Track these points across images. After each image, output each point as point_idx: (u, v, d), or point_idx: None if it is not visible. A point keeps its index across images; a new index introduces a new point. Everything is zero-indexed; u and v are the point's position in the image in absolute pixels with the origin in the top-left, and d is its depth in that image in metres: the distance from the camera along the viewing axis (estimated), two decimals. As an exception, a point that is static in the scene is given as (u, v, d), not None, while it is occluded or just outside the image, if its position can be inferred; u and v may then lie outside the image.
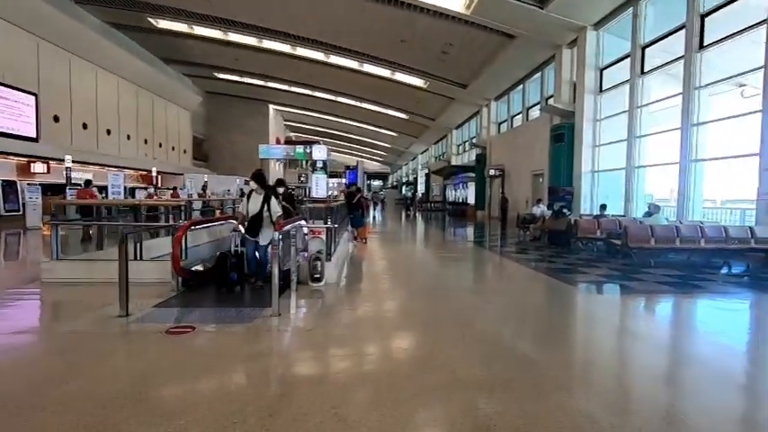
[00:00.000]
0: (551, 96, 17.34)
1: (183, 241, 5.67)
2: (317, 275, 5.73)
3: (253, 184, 5.43)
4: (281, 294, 4.55)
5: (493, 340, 3.92)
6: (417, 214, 29.98)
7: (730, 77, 10.66)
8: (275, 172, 39.06)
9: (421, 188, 45.19)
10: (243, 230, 5.43)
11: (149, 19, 21.07)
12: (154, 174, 22.07)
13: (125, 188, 18.29)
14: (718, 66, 10.85)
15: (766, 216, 8.72)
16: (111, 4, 19.61)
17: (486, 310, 5.07)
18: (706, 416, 2.59)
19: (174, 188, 21.13)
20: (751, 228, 8.29)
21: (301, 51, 23.01)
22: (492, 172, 22.47)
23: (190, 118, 32.36)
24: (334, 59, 23.44)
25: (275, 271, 4.28)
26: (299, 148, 15.98)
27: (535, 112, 19.53)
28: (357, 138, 47.11)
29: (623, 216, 12.02)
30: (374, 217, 28.13)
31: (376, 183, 71.29)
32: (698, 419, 2.54)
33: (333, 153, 55.68)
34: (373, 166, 66.40)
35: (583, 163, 14.82)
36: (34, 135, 16.28)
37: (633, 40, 13.03)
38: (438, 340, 3.84)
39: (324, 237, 5.77)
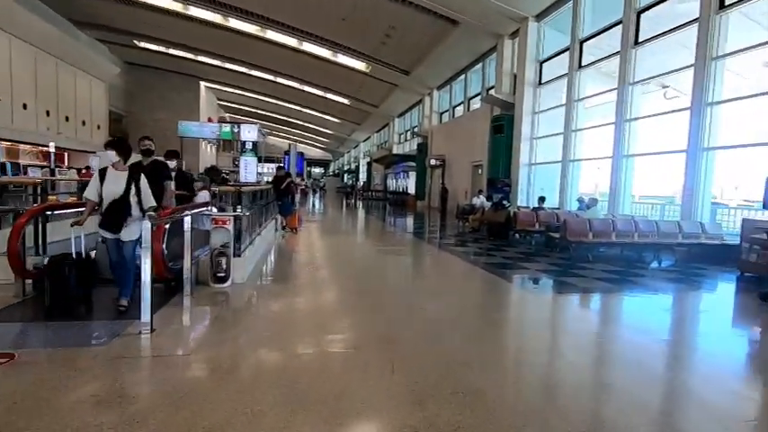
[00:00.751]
0: (492, 87, 17.10)
1: (40, 231, 4.32)
2: (222, 274, 4.66)
3: (112, 156, 3.69)
4: (169, 299, 3.45)
5: (428, 383, 3.11)
6: (358, 203, 29.12)
7: (659, 75, 10.81)
8: (208, 155, 36.25)
9: (363, 177, 44.34)
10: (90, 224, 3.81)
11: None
12: (51, 150, 19.15)
13: (14, 165, 15.61)
14: (647, 67, 10.99)
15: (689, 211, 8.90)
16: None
17: (420, 320, 4.29)
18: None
19: (87, 168, 18.37)
20: (679, 223, 8.33)
21: (234, 23, 21.00)
22: (433, 162, 22.09)
23: (106, 90, 28.75)
24: (272, 35, 21.68)
25: (146, 276, 3.17)
26: (226, 127, 14.34)
27: (476, 104, 19.30)
28: (299, 123, 45.08)
29: (558, 209, 11.99)
30: (313, 205, 26.92)
31: (317, 170, 69.40)
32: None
33: (272, 138, 53.08)
34: (315, 152, 64.43)
35: (521, 155, 14.69)
36: None
37: (572, 33, 12.93)
38: (358, 368, 2.93)
39: (231, 227, 4.69)
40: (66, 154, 23.60)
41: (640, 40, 10.81)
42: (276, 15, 19.60)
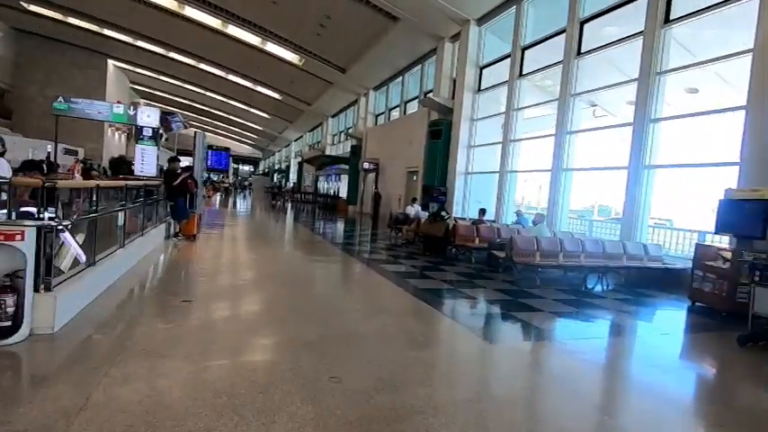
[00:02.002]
0: (431, 91, 16.14)
1: None
2: (6, 322, 2.77)
3: None
4: None
5: None
6: (286, 205, 26.95)
7: (601, 88, 10.39)
8: (115, 145, 31.93)
9: (294, 177, 41.92)
10: None
11: None
12: None
13: None
14: (581, 83, 10.57)
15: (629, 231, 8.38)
16: None
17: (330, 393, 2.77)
18: None
19: None
20: (623, 244, 7.68)
21: (146, -6, 18.06)
22: (366, 165, 20.72)
23: (-18, 58, 23.89)
24: (192, 12, 19.00)
25: None
26: (119, 108, 11.66)
27: (413, 108, 18.30)
28: (226, 116, 41.51)
29: (493, 221, 11.15)
30: (233, 205, 24.25)
31: (246, 167, 65.31)
32: None
33: (193, 130, 48.59)
34: (244, 149, 60.46)
35: (458, 163, 13.80)
36: None
37: (514, 40, 12.27)
38: None
39: (29, 245, 2.82)
40: None
41: (583, 50, 10.30)
42: (197, -10, 17.11)
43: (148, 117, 10.67)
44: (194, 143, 9.02)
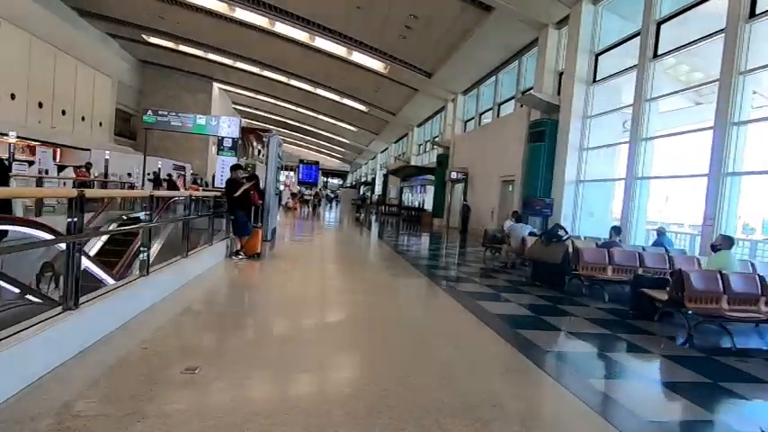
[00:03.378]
0: (529, 89, 13.86)
1: None
2: None
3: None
4: None
5: None
6: (370, 218, 26.06)
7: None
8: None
9: (378, 189, 41.39)
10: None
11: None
12: (39, 145, 16.68)
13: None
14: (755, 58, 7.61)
15: None
16: None
17: None
18: None
19: (87, 165, 15.51)
20: None
21: (241, 14, 18.46)
22: (453, 175, 18.84)
23: (113, 87, 26.77)
24: (282, 28, 19.06)
25: None
26: (201, 119, 11.50)
27: (507, 109, 16.06)
28: (316, 131, 42.60)
29: (611, 242, 8.50)
30: (318, 217, 23.93)
31: (335, 181, 67.08)
32: None
33: (288, 146, 50.90)
34: (333, 163, 62.09)
35: (567, 169, 11.34)
36: None
37: (645, 14, 9.64)
38: None
39: None
40: (58, 150, 21.37)
41: (758, 11, 7.44)
42: (285, 5, 16.94)
43: (229, 127, 10.15)
44: (267, 149, 8.10)
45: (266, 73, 26.96)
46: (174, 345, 3.35)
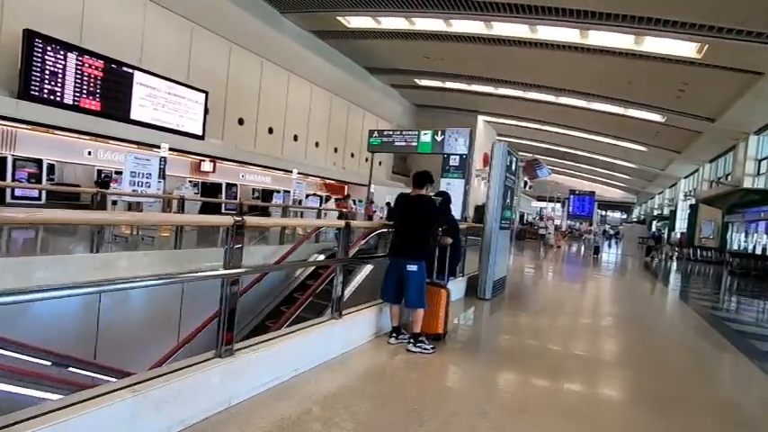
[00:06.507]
0: None
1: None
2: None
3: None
4: None
5: None
6: (668, 265, 18.64)
7: None
8: (478, 191, 33.46)
9: (682, 225, 30.75)
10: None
11: (339, 18, 18.91)
12: (334, 181, 19.57)
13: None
14: None
15: None
16: (305, 9, 18.18)
17: None
18: None
19: (346, 196, 17.89)
20: None
21: (498, 28, 16.72)
22: None
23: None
24: (544, 32, 16.18)
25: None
26: (426, 135, 9.80)
27: None
28: (590, 156, 36.19)
29: None
30: (589, 261, 18.59)
31: (615, 215, 56.09)
32: None
33: (557, 176, 45.59)
34: (613, 194, 52.04)
35: None
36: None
37: None
38: None
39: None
40: (345, 186, 25.13)
41: None
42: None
43: (456, 141, 8.03)
44: (491, 158, 5.35)
45: (531, 94, 24.22)
46: None
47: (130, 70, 12.95)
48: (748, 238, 19.47)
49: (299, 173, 18.29)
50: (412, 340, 3.83)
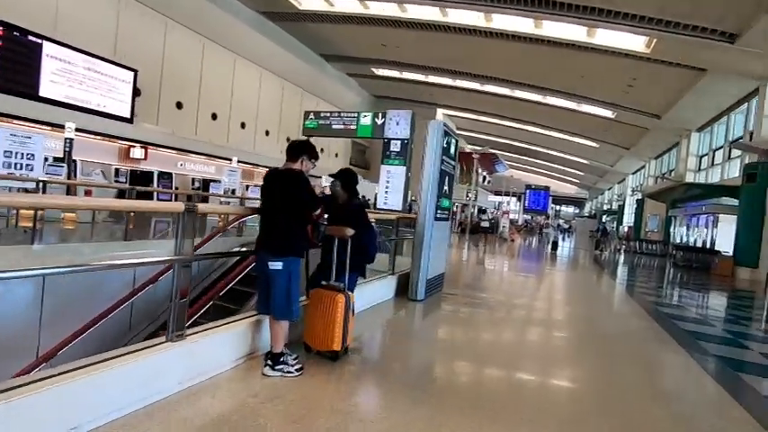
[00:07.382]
0: None
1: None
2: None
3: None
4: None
5: None
6: (616, 257, 18.95)
7: None
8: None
9: (629, 219, 31.84)
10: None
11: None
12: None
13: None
14: None
15: None
16: None
17: None
18: None
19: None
20: None
21: (454, 16, 16.15)
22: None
23: (349, 121, 29.07)
24: (499, 21, 15.79)
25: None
26: (366, 118, 8.99)
27: None
28: (545, 152, 36.82)
29: None
30: (540, 255, 18.60)
31: (569, 209, 57.86)
32: None
33: (515, 171, 46.18)
34: (567, 189, 53.58)
35: None
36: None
37: None
38: None
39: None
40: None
41: None
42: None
43: (398, 125, 7.30)
44: (424, 138, 4.63)
45: (488, 87, 23.99)
46: None
47: (38, 40, 11.25)
48: (689, 231, 20.19)
49: (239, 161, 16.95)
50: (269, 362, 2.90)
